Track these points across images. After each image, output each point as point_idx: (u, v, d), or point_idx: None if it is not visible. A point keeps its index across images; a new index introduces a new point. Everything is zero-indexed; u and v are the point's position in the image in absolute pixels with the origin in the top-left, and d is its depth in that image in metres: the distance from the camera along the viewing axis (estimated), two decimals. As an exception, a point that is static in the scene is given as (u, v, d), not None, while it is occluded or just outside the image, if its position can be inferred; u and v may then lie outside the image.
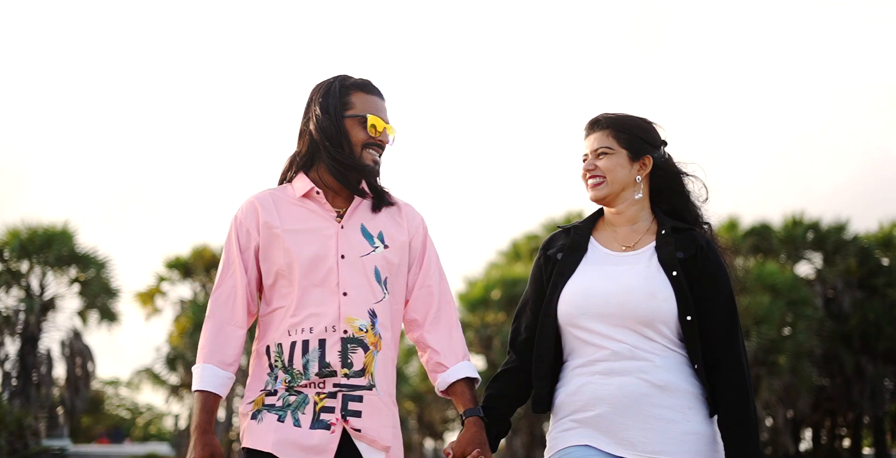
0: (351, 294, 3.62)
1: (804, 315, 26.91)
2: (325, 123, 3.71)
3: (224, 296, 3.72)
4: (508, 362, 3.84)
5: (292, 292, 3.64)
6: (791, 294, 26.59)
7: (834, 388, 29.21)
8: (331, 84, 3.79)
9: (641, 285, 3.61)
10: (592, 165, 3.75)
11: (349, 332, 3.60)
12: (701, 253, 3.65)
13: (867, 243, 29.52)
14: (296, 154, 3.80)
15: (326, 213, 3.70)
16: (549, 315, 3.70)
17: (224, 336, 3.70)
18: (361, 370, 3.60)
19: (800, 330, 26.77)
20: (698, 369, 3.55)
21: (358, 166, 3.70)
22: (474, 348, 27.96)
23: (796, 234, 29.10)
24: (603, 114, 3.79)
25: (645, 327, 3.57)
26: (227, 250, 3.76)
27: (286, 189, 3.77)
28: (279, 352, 3.63)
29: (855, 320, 28.66)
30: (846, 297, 28.79)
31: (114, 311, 25.43)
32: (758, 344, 25.54)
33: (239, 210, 3.77)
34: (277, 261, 3.66)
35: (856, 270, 29.18)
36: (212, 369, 3.65)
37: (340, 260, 3.64)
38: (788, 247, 29.24)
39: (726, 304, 3.61)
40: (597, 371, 3.60)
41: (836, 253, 29.09)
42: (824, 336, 28.24)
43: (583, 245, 3.78)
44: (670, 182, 3.79)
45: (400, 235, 3.76)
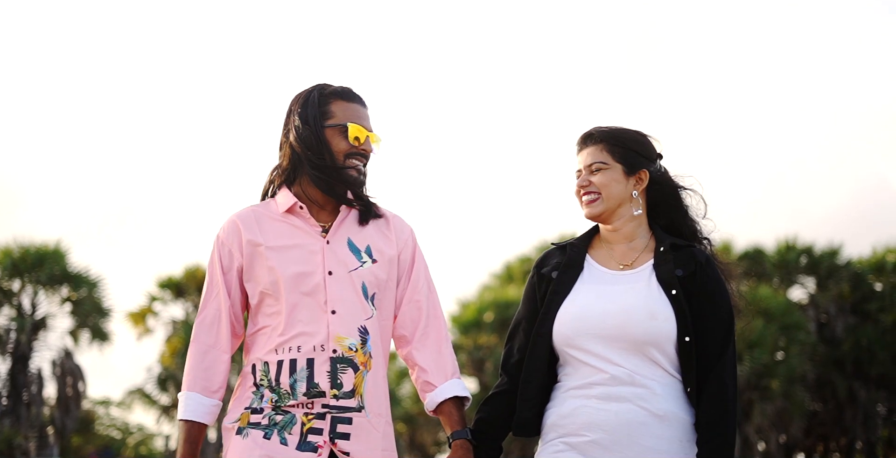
0: (340, 312, 3.49)
1: (797, 340, 26.90)
2: (306, 134, 3.57)
3: (208, 320, 3.60)
4: (500, 384, 3.68)
5: (279, 311, 3.51)
6: (784, 319, 26.58)
7: (827, 413, 29.15)
8: (310, 93, 3.65)
9: (641, 305, 3.47)
10: (587, 181, 3.60)
11: (338, 351, 3.47)
12: (700, 270, 3.52)
13: (860, 268, 29.52)
14: (277, 168, 3.68)
15: (311, 228, 3.57)
16: (542, 335, 3.56)
17: (209, 362, 3.58)
18: (351, 391, 3.47)
19: (793, 355, 26.74)
20: (690, 392, 3.43)
21: (342, 176, 3.57)
22: (466, 371, 27.89)
23: (789, 258, 29.10)
24: (595, 127, 3.66)
25: (644, 350, 3.42)
26: (210, 272, 3.63)
27: (269, 205, 3.64)
28: (265, 371, 3.51)
29: (848, 345, 28.63)
30: (839, 322, 28.77)
31: (105, 330, 25.35)
32: (750, 368, 25.49)
33: (221, 229, 3.65)
34: (262, 280, 3.53)
35: (849, 295, 29.18)
36: (196, 398, 3.55)
37: (328, 277, 3.50)
38: (781, 271, 29.24)
39: (724, 323, 3.48)
40: (593, 395, 3.45)
41: (830, 278, 29.09)
42: (817, 361, 28.21)
43: (579, 263, 3.64)
44: (667, 197, 3.64)
45: (388, 248, 3.63)
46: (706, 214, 3.65)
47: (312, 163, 3.57)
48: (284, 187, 3.63)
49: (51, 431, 24.96)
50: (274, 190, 3.68)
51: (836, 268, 29.12)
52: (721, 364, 3.43)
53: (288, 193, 3.60)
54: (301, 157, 3.59)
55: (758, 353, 25.53)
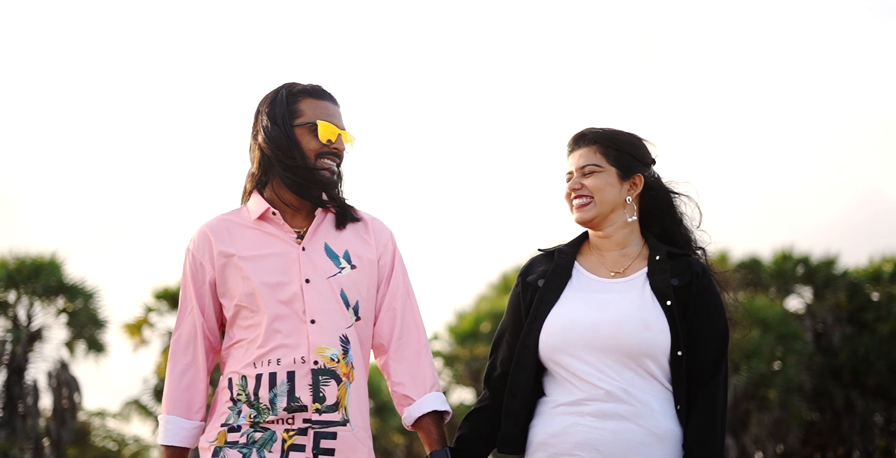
0: (319, 321, 3.33)
1: (794, 350, 26.87)
2: (275, 134, 3.40)
3: (184, 338, 3.45)
4: (482, 399, 3.48)
5: (256, 324, 3.35)
6: (781, 328, 26.55)
7: (824, 423, 29.12)
8: (277, 92, 3.49)
9: (634, 314, 3.29)
10: (578, 183, 3.42)
11: (320, 363, 3.31)
12: (697, 281, 3.34)
13: (857, 277, 29.51)
14: (250, 174, 3.51)
15: (285, 234, 3.40)
16: (528, 346, 3.34)
17: (187, 382, 3.44)
18: (335, 404, 3.31)
19: (790, 365, 26.71)
20: (680, 410, 3.26)
21: (314, 177, 3.40)
22: (464, 382, 27.84)
23: (786, 268, 29.09)
24: (589, 128, 3.49)
25: (638, 362, 3.25)
26: (183, 287, 3.48)
27: (240, 213, 3.48)
28: (243, 385, 3.34)
29: (845, 355, 28.61)
30: (836, 331, 28.75)
31: (101, 342, 25.29)
32: (747, 378, 25.47)
33: (191, 242, 3.48)
34: (237, 292, 3.37)
35: (846, 304, 29.16)
36: (176, 422, 3.42)
37: (305, 285, 3.34)
38: (778, 281, 29.22)
39: (719, 339, 3.32)
40: (587, 412, 3.25)
41: (826, 288, 29.08)
42: (814, 371, 28.18)
43: (567, 270, 3.43)
44: (661, 204, 3.48)
45: (367, 252, 3.46)
46: (701, 224, 3.51)
47: (283, 164, 3.40)
48: (256, 193, 3.48)
49: (46, 443, 24.87)
50: (246, 197, 3.52)
51: (833, 278, 29.10)
52: (714, 382, 3.28)
53: (260, 199, 3.45)
54: (271, 159, 3.43)
55: (755, 363, 25.50)
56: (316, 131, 3.42)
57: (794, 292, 29.57)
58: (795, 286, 29.47)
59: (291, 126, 3.42)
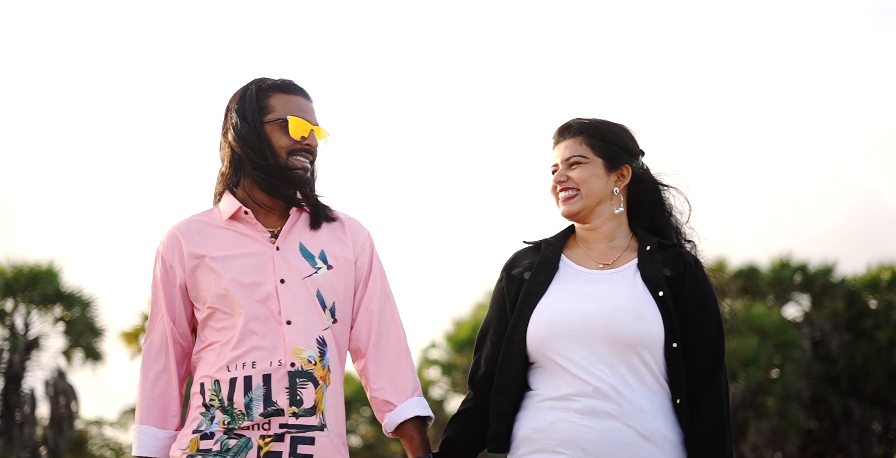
0: (295, 322, 3.20)
1: (792, 358, 26.87)
2: (244, 131, 3.27)
3: (156, 344, 3.35)
4: (467, 400, 3.35)
5: (229, 326, 3.22)
6: (779, 336, 26.55)
7: (822, 431, 29.10)
8: (247, 88, 3.35)
9: (626, 304, 3.17)
10: (564, 176, 3.31)
11: (297, 365, 3.17)
12: (689, 272, 3.24)
13: (855, 285, 29.52)
14: (220, 174, 3.38)
15: (258, 234, 3.28)
16: (515, 341, 3.22)
17: (160, 390, 3.32)
18: (312, 408, 3.17)
19: (788, 372, 26.71)
20: (680, 404, 3.14)
21: (286, 176, 3.27)
22: (461, 390, 27.81)
23: (784, 276, 29.09)
24: (574, 119, 3.37)
25: (630, 354, 3.13)
26: (154, 292, 3.35)
27: (212, 213, 3.35)
28: (216, 390, 3.20)
29: (843, 363, 28.61)
30: (834, 339, 28.75)
31: (99, 350, 25.26)
32: (745, 386, 25.46)
33: (160, 244, 3.35)
34: (209, 294, 3.24)
35: (843, 312, 29.17)
36: (150, 431, 3.29)
37: (280, 285, 3.21)
38: (776, 289, 29.22)
39: (715, 332, 3.21)
40: (573, 408, 3.13)
41: (824, 295, 29.08)
42: (812, 379, 28.18)
43: (554, 262, 3.30)
44: (650, 195, 3.37)
45: (344, 252, 3.33)
46: (690, 218, 3.40)
47: (253, 162, 3.28)
48: (228, 193, 3.35)
49: (44, 451, 24.84)
50: (217, 197, 3.39)
51: (831, 285, 29.11)
52: (716, 381, 3.18)
53: (232, 199, 3.32)
54: (241, 157, 3.30)
55: (752, 371, 25.49)
56: (287, 128, 3.29)
57: (791, 300, 29.57)
58: (793, 294, 29.47)
59: (261, 123, 3.30)
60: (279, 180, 3.28)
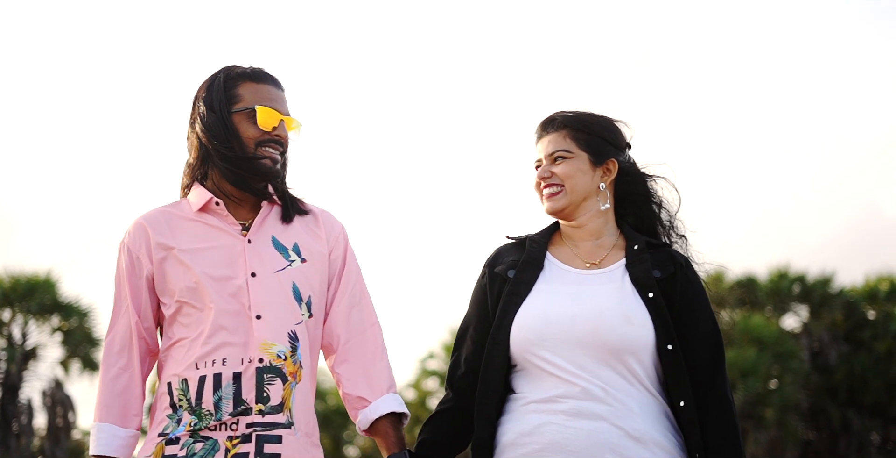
0: (266, 316, 3.07)
1: (790, 368, 26.86)
2: (211, 121, 3.15)
3: (119, 340, 3.21)
4: (444, 401, 3.24)
5: (198, 321, 3.10)
6: (777, 347, 26.54)
7: (821, 441, 29.07)
8: (215, 77, 3.23)
9: (614, 307, 3.05)
10: (548, 171, 3.20)
11: (265, 360, 3.05)
12: (681, 273, 3.13)
13: (853, 296, 29.52)
14: (188, 165, 3.27)
15: (229, 226, 3.17)
16: (499, 343, 3.09)
17: (121, 386, 3.18)
18: (279, 405, 3.05)
19: (786, 383, 26.69)
20: (685, 407, 3.02)
21: (254, 167, 3.16)
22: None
23: (782, 287, 29.09)
24: (558, 112, 3.25)
25: (618, 359, 3.01)
26: (117, 285, 3.20)
27: (181, 205, 3.23)
28: (184, 389, 3.08)
29: (841, 374, 28.59)
30: (832, 350, 28.74)
31: (96, 360, 25.21)
32: (744, 397, 25.44)
33: (126, 234, 3.22)
34: (176, 288, 3.11)
35: (842, 323, 29.17)
36: (110, 429, 3.16)
37: (250, 279, 3.10)
38: (774, 300, 29.22)
39: (710, 333, 3.10)
40: (559, 410, 3.01)
41: (823, 306, 29.08)
42: (811, 390, 28.16)
43: (539, 261, 3.18)
44: (638, 189, 3.25)
45: (318, 246, 3.22)
46: (679, 209, 3.27)
47: (221, 154, 3.16)
48: (197, 184, 3.23)
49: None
50: (185, 189, 3.28)
51: (830, 296, 29.11)
52: (720, 380, 3.08)
53: (202, 190, 3.21)
54: (208, 148, 3.18)
55: (751, 381, 25.47)
56: (255, 118, 3.17)
57: (790, 311, 29.57)
58: (792, 305, 29.47)
59: (229, 113, 3.18)
60: (247, 172, 3.17)
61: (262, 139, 3.18)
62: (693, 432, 3.06)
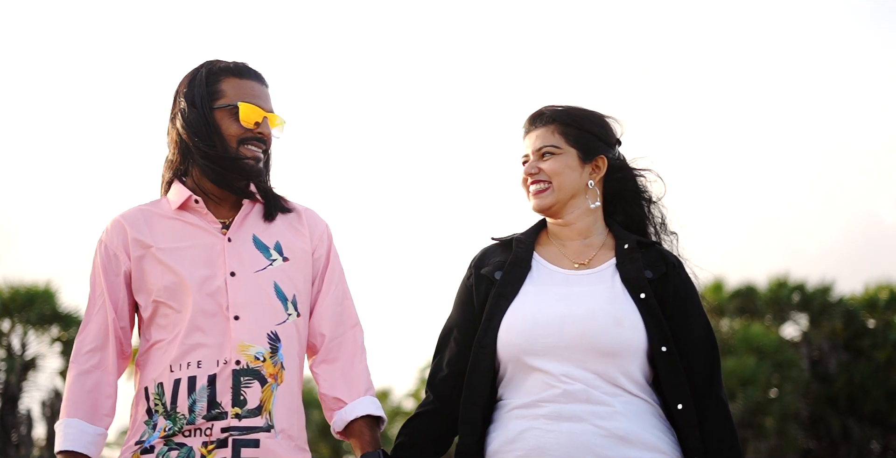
0: (244, 317, 3.00)
1: (790, 377, 26.84)
2: (192, 118, 3.06)
3: (91, 338, 3.08)
4: (425, 403, 3.15)
5: (175, 322, 3.02)
6: (777, 356, 26.53)
7: (821, 450, 29.04)
8: (197, 71, 3.14)
9: (605, 308, 2.97)
10: (535, 167, 3.11)
11: (242, 362, 2.98)
12: (674, 273, 3.06)
13: (853, 304, 29.52)
14: (167, 162, 3.19)
15: (209, 224, 3.09)
16: (486, 347, 3.02)
17: (92, 383, 3.06)
18: (257, 408, 2.97)
19: (786, 392, 26.68)
20: (684, 409, 2.94)
21: (236, 166, 3.08)
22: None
23: (782, 295, 29.09)
24: (547, 106, 3.16)
25: (607, 361, 2.93)
26: (93, 281, 3.11)
27: (160, 203, 3.16)
28: (159, 393, 3.00)
29: (841, 382, 28.58)
30: (832, 359, 28.73)
31: (96, 371, 25.23)
32: (744, 406, 25.42)
33: (103, 232, 3.14)
34: (154, 287, 3.03)
35: (842, 331, 29.16)
36: (78, 425, 3.02)
37: (230, 278, 3.02)
38: (774, 309, 29.21)
39: (704, 336, 3.03)
40: (541, 414, 2.93)
41: (822, 315, 29.08)
42: (811, 398, 28.14)
43: (526, 262, 3.09)
44: (628, 186, 3.17)
45: (301, 244, 3.15)
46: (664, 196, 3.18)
47: (201, 151, 3.07)
48: (177, 182, 3.16)
49: (40, 472, 24.78)
50: (165, 187, 3.20)
51: (829, 305, 29.11)
52: (717, 385, 3.01)
53: (181, 188, 3.13)
54: (189, 144, 3.09)
55: (751, 390, 25.46)
56: (237, 114, 3.08)
57: (789, 320, 29.56)
58: (791, 314, 29.46)
59: (211, 109, 3.09)
60: (228, 171, 3.09)
61: (245, 137, 3.10)
62: (691, 435, 2.98)
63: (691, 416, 2.97)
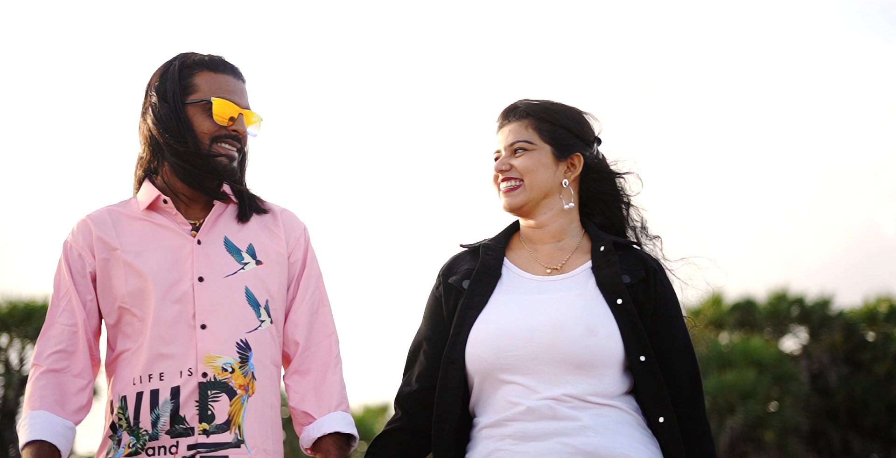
0: (211, 326, 2.85)
1: (790, 391, 26.81)
2: (163, 113, 2.90)
3: (55, 340, 2.90)
4: (393, 420, 3.00)
5: (139, 331, 2.87)
6: (777, 369, 26.50)
7: (821, 464, 29.01)
8: (170, 64, 2.98)
9: (577, 317, 2.80)
10: (506, 164, 2.96)
11: (209, 374, 2.83)
12: (653, 278, 2.90)
13: (852, 318, 29.54)
14: (138, 159, 3.03)
15: (178, 226, 2.94)
16: (455, 362, 2.86)
17: (57, 382, 2.88)
18: (226, 423, 2.82)
19: (786, 406, 26.64)
20: (666, 422, 2.79)
21: (209, 165, 2.92)
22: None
23: (781, 309, 29.09)
24: (522, 100, 2.99)
25: (581, 373, 2.78)
26: (57, 282, 2.96)
27: (129, 203, 3.01)
28: (123, 407, 2.88)
29: (841, 396, 28.56)
30: (832, 372, 28.72)
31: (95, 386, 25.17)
32: (743, 420, 25.38)
33: (69, 233, 2.98)
34: (118, 292, 2.89)
35: (841, 345, 29.16)
36: (45, 416, 2.82)
37: (197, 284, 2.87)
38: (773, 322, 29.21)
39: (686, 347, 2.88)
40: (507, 434, 2.79)
41: (822, 328, 29.09)
42: (811, 412, 28.12)
43: (496, 269, 2.93)
44: (605, 187, 3.01)
45: (276, 246, 2.99)
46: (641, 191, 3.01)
47: (172, 149, 2.91)
48: (147, 181, 3.00)
49: (38, 488, 24.74)
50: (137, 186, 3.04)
51: (829, 318, 29.11)
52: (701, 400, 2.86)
53: (150, 187, 2.97)
54: (159, 140, 2.94)
55: (751, 404, 25.41)
56: (211, 110, 2.92)
57: (789, 333, 29.54)
58: (791, 327, 29.44)
59: (183, 104, 2.93)
60: (200, 170, 2.93)
61: (218, 134, 2.95)
62: (675, 451, 2.83)
63: (674, 431, 2.83)
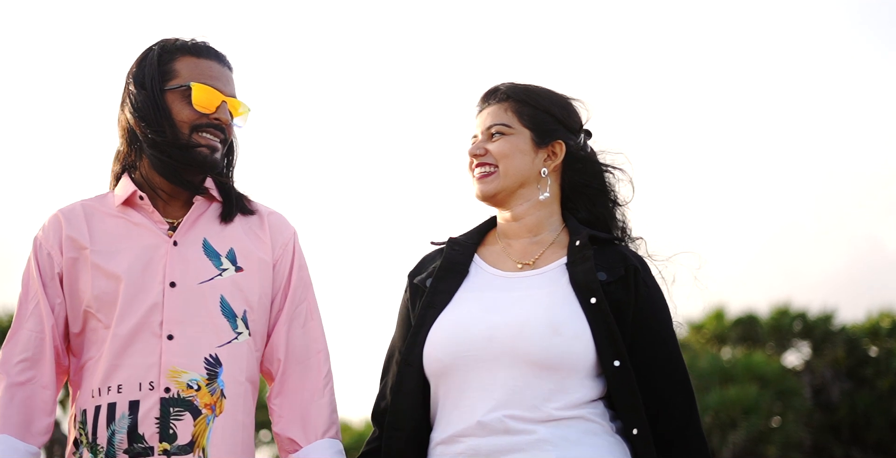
0: (178, 337, 2.62)
1: (793, 406, 26.74)
2: (140, 101, 2.69)
3: (22, 346, 2.69)
4: (372, 439, 2.73)
5: (102, 338, 2.65)
6: (779, 384, 26.44)
7: (824, 480, 28.94)
8: (150, 50, 2.75)
9: (540, 315, 2.56)
10: (481, 148, 2.71)
11: (173, 390, 2.60)
12: (634, 276, 2.62)
13: (855, 332, 29.50)
14: (116, 153, 2.82)
15: (154, 224, 2.71)
16: (411, 364, 2.62)
17: (23, 397, 2.67)
18: (189, 444, 2.59)
19: (789, 421, 26.57)
20: (639, 435, 2.53)
21: (188, 156, 2.69)
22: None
23: (784, 323, 29.05)
24: (504, 82, 2.76)
25: (544, 378, 2.53)
26: (25, 283, 2.74)
27: (105, 198, 2.79)
28: (83, 422, 2.65)
29: (844, 411, 28.48)
30: (835, 387, 28.65)
31: (93, 398, 25.14)
32: (746, 435, 25.30)
33: (40, 228, 2.75)
34: (84, 294, 2.67)
35: (844, 360, 29.11)
36: (7, 441, 2.61)
37: (168, 289, 2.64)
38: (776, 337, 29.17)
39: (675, 354, 2.62)
40: (458, 452, 2.54)
41: (825, 343, 29.04)
42: (813, 427, 28.04)
43: (463, 265, 2.70)
44: (589, 180, 2.76)
45: (261, 252, 2.75)
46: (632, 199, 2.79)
47: (149, 139, 2.69)
48: (125, 175, 2.78)
49: (37, 501, 24.67)
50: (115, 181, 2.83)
51: (831, 333, 29.07)
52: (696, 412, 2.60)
53: (128, 182, 2.75)
54: (136, 130, 2.72)
55: (753, 419, 25.34)
56: (190, 97, 2.70)
57: (791, 348, 29.48)
58: (793, 342, 29.39)
59: (161, 90, 2.70)
60: (178, 162, 2.70)
61: (199, 123, 2.71)
62: None
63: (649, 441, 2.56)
